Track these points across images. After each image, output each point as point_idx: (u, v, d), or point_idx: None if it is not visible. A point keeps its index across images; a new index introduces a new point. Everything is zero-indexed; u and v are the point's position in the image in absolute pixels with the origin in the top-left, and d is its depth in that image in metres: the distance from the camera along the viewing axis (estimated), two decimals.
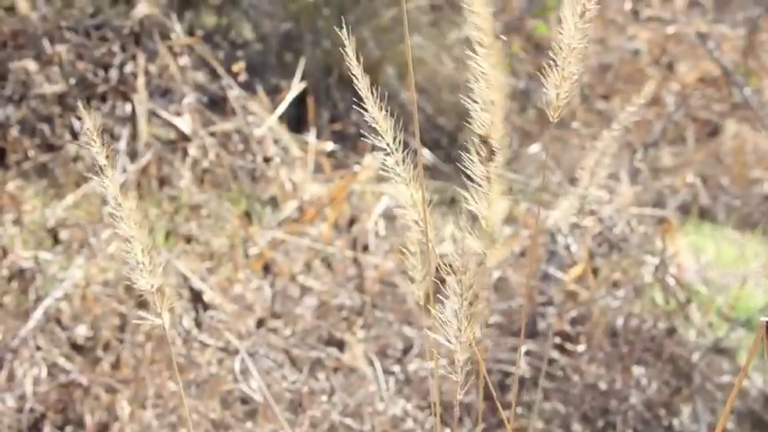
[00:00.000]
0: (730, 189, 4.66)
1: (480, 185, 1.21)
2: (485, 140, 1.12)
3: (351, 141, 5.03)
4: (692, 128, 4.99)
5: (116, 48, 2.69)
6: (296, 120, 4.35)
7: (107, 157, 1.17)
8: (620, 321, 2.73)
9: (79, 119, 2.83)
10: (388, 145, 1.32)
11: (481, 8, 1.18)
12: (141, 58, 2.69)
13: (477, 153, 1.14)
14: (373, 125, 1.38)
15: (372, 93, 1.41)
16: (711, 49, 4.83)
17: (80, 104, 1.22)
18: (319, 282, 2.88)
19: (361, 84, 1.30)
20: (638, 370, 2.66)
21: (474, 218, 1.34)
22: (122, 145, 2.77)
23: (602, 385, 2.63)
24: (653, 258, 2.90)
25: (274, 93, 3.56)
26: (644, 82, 5.36)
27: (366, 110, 1.40)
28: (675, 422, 2.66)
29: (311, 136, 3.38)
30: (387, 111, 1.31)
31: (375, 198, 3.24)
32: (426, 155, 4.58)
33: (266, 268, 3.01)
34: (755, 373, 2.87)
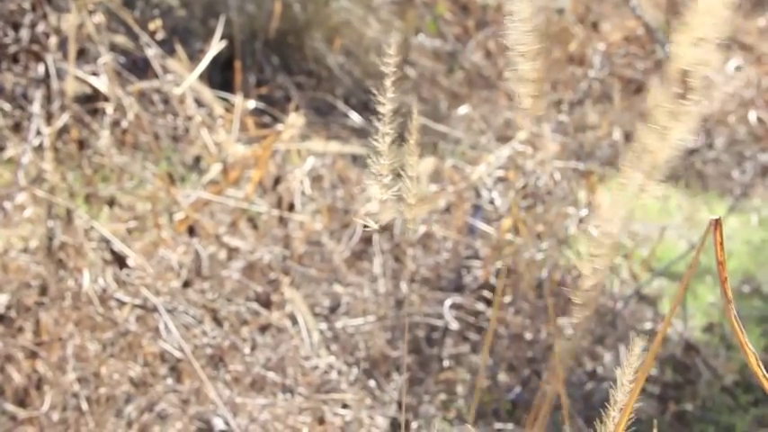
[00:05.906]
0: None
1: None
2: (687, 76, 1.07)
3: (278, 105, 4.99)
4: (616, 85, 5.04)
5: (26, 5, 2.61)
6: (222, 85, 4.29)
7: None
8: (544, 273, 2.76)
9: None
10: None
11: None
12: (53, 17, 2.62)
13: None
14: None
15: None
16: (634, 8, 4.88)
17: None
18: (245, 242, 2.85)
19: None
20: (562, 320, 2.69)
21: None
22: (36, 108, 2.70)
23: (528, 335, 2.65)
24: (577, 211, 2.93)
25: (198, 58, 3.50)
26: (569, 41, 5.39)
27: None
28: (599, 369, 2.70)
29: (237, 98, 3.34)
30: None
31: (300, 158, 3.21)
32: (354, 117, 4.55)
33: (191, 230, 2.97)
34: (676, 320, 2.93)
